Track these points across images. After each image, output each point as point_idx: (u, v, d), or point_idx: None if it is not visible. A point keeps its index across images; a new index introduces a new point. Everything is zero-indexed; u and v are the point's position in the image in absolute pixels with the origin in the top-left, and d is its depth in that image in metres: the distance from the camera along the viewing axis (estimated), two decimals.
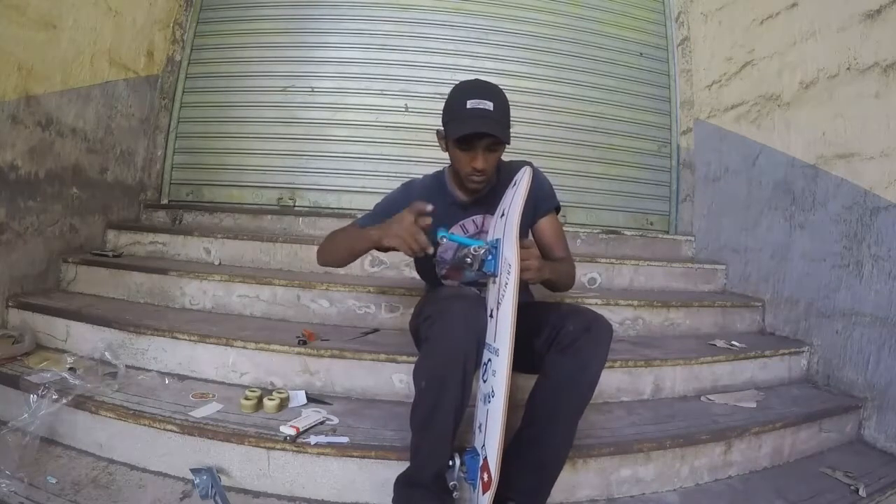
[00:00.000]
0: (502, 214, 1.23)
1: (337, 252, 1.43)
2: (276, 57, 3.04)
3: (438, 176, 1.51)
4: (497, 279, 1.16)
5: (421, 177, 1.55)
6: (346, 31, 3.05)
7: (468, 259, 1.17)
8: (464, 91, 1.29)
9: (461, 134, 1.25)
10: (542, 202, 1.47)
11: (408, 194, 1.47)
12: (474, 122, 1.24)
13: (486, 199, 1.42)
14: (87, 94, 2.35)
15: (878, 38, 1.90)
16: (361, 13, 3.05)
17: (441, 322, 1.13)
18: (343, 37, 3.05)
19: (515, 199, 1.15)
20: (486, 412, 1.16)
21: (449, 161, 1.40)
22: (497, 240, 1.18)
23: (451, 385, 1.12)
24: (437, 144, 1.39)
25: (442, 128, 1.35)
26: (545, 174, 1.51)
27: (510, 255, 1.11)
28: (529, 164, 1.37)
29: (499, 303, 1.14)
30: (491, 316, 1.19)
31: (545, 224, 1.49)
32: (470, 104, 1.24)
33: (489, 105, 1.24)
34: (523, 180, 1.16)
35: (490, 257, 1.16)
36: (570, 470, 1.42)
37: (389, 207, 1.44)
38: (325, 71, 3.03)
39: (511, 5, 3.11)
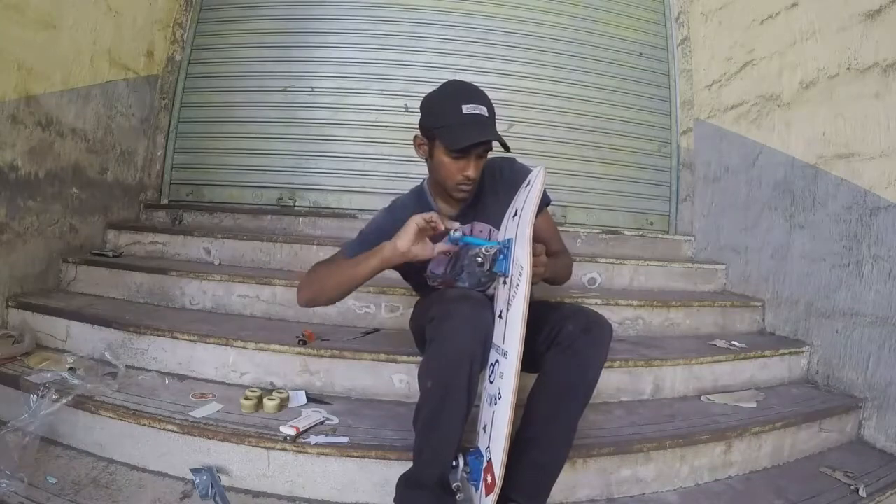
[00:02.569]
0: (515, 214, 1.20)
1: (329, 288, 1.30)
2: (276, 57, 3.03)
3: (418, 192, 1.45)
4: (508, 280, 1.14)
5: (405, 193, 1.48)
6: (346, 31, 3.04)
7: (479, 259, 1.15)
8: (455, 95, 1.25)
9: (466, 144, 1.19)
10: None
11: (392, 217, 1.38)
12: (475, 129, 1.20)
13: (471, 205, 1.38)
14: (87, 94, 2.35)
15: (878, 38, 1.90)
16: (361, 13, 3.05)
17: (448, 323, 1.12)
18: (343, 37, 3.05)
19: (529, 199, 1.12)
20: (492, 414, 1.15)
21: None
22: (509, 240, 1.16)
23: (457, 387, 1.11)
24: None
25: (420, 133, 1.29)
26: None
27: (523, 256, 1.08)
28: (512, 160, 1.38)
29: (509, 304, 1.12)
30: (500, 317, 1.18)
31: (540, 221, 1.45)
32: (466, 109, 1.20)
33: (484, 110, 1.22)
34: (538, 180, 1.13)
35: (501, 257, 1.14)
36: (570, 470, 1.41)
37: (377, 233, 1.35)
38: (325, 71, 3.03)
39: (511, 5, 3.10)
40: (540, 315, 1.26)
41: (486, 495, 1.11)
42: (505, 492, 1.15)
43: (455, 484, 1.21)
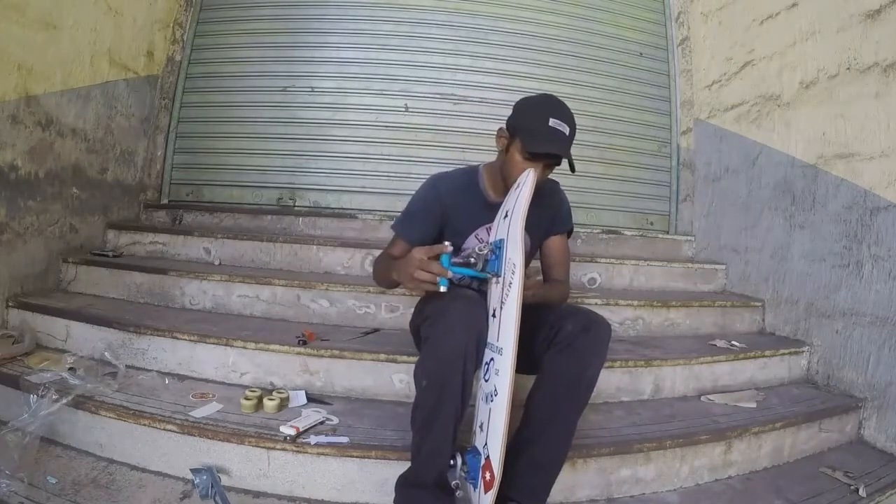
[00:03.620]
0: (506, 216, 1.23)
1: (382, 282, 1.44)
2: (276, 57, 3.04)
3: (470, 174, 1.48)
4: (501, 279, 1.17)
5: (450, 170, 1.52)
6: (346, 31, 3.05)
7: (472, 259, 1.20)
8: (546, 107, 1.31)
9: (541, 151, 1.26)
10: (560, 220, 1.51)
11: (436, 193, 1.44)
12: (554, 143, 1.26)
13: None
14: (87, 94, 2.35)
15: (878, 38, 1.90)
16: (361, 13, 3.05)
17: (442, 322, 1.14)
18: (343, 37, 3.05)
19: (519, 200, 1.15)
20: (489, 411, 1.16)
21: (481, 161, 1.41)
22: (501, 240, 1.19)
23: (452, 385, 1.12)
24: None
25: (505, 127, 1.35)
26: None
27: (514, 255, 1.11)
28: (556, 182, 1.46)
29: (502, 302, 1.14)
30: (494, 315, 1.19)
31: (556, 242, 1.52)
32: (552, 123, 1.26)
33: (566, 129, 1.27)
34: (527, 182, 1.16)
35: (493, 258, 1.18)
36: (570, 470, 1.42)
37: (419, 210, 1.44)
38: (325, 71, 3.03)
39: (511, 5, 3.10)
40: (538, 316, 1.27)
41: (485, 492, 1.11)
42: (505, 492, 1.16)
43: (454, 482, 1.21)
